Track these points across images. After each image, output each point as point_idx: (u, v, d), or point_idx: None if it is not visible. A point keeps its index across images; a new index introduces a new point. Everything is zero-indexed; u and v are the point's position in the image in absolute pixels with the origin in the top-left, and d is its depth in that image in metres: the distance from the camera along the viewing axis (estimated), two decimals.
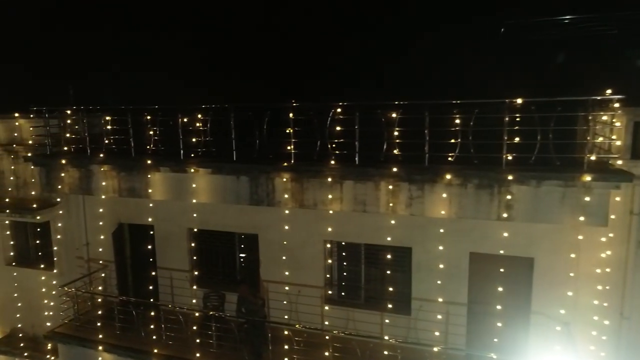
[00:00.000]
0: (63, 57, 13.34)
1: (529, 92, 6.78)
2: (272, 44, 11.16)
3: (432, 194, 7.34)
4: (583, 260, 7.90)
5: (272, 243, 10.10)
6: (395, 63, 9.76)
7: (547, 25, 10.14)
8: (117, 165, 9.26)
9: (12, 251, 12.96)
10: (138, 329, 9.98)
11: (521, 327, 8.66)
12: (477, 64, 8.82)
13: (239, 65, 11.40)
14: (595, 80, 6.95)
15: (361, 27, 10.91)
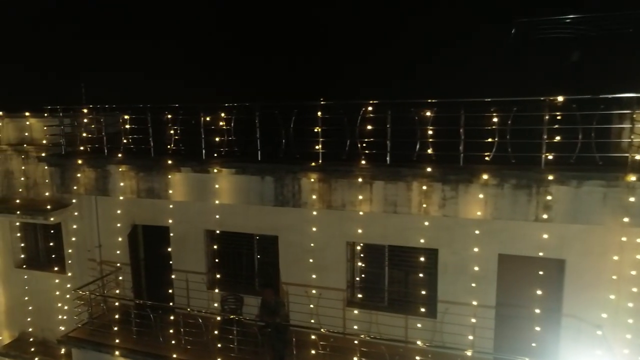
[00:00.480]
0: (73, 55, 13.08)
1: (569, 90, 6.59)
2: (298, 40, 10.96)
3: (467, 194, 7.15)
4: (617, 262, 7.72)
5: (292, 245, 9.88)
6: (427, 62, 9.57)
7: (580, 22, 9.97)
8: (136, 165, 9.01)
9: (22, 253, 12.70)
10: (156, 333, 9.75)
11: (552, 331, 8.48)
12: (511, 62, 8.64)
13: (263, 62, 11.19)
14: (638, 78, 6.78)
15: (393, 25, 10.75)
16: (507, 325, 8.83)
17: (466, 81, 8.21)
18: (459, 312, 8.90)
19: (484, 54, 9.29)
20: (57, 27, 14.17)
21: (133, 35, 13.10)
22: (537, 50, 9.69)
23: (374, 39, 10.62)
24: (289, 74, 10.47)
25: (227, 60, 11.52)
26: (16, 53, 14.50)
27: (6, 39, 15.16)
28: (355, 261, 9.74)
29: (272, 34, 11.59)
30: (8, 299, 12.96)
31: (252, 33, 12.04)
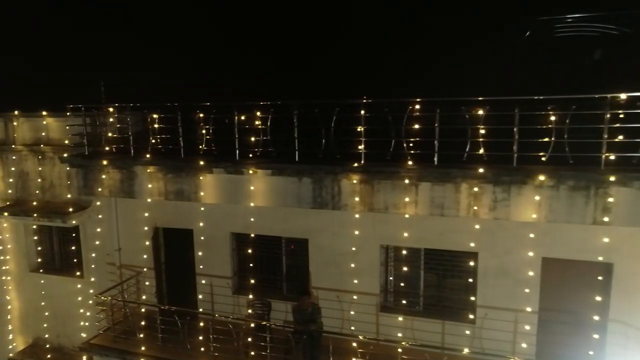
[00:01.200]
0: (92, 53, 12.74)
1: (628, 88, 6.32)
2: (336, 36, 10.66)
3: (520, 196, 6.86)
4: None
5: (323, 248, 9.57)
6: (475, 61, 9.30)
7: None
8: (165, 166, 8.66)
9: (38, 257, 12.32)
10: (182, 340, 9.40)
11: (596, 337, 8.20)
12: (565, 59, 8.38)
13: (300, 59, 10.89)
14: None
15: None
16: (550, 331, 8.55)
17: (514, 79, 7.91)
18: (499, 317, 8.62)
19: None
20: (70, 23, 13.83)
21: (152, 35, 12.77)
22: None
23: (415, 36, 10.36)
24: (328, 73, 10.16)
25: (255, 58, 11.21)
26: (29, 51, 14.13)
27: (19, 36, 14.82)
28: (390, 265, 9.43)
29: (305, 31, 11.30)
30: (22, 304, 12.60)
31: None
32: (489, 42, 9.81)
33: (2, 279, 12.51)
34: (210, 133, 8.42)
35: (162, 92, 9.97)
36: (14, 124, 11.58)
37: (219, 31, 12.41)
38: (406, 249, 9.16)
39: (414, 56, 10.69)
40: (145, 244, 10.80)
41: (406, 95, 7.17)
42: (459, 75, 8.87)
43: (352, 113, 7.50)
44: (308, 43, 11.01)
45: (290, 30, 11.53)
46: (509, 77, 7.82)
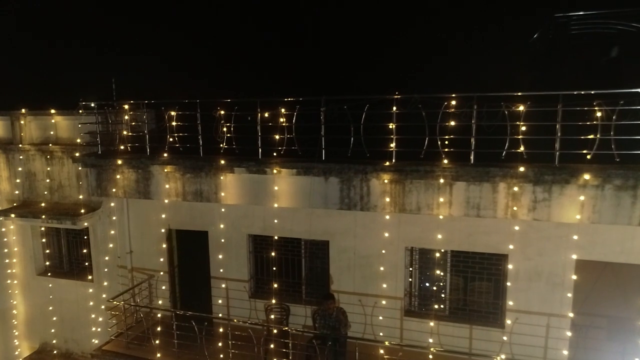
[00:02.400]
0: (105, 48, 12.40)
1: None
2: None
3: (562, 196, 6.55)
4: None
5: (345, 250, 9.24)
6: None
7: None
8: (183, 165, 8.31)
9: (45, 260, 11.94)
10: (199, 346, 9.05)
11: (632, 342, 7.90)
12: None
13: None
14: None
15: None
16: (583, 335, 8.24)
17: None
18: (530, 321, 8.32)
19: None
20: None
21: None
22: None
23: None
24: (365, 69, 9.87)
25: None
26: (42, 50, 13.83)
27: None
28: (414, 267, 9.12)
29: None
30: (28, 309, 12.21)
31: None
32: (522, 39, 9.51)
33: (7, 283, 12.12)
34: (232, 131, 8.06)
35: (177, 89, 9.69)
36: (21, 123, 11.20)
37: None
38: (432, 251, 8.85)
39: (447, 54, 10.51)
40: (159, 246, 10.47)
41: (441, 90, 6.85)
42: (496, 71, 8.59)
43: (383, 109, 7.18)
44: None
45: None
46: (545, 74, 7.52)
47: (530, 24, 11.94)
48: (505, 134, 6.69)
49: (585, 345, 8.19)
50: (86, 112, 9.27)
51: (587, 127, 6.36)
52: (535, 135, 6.64)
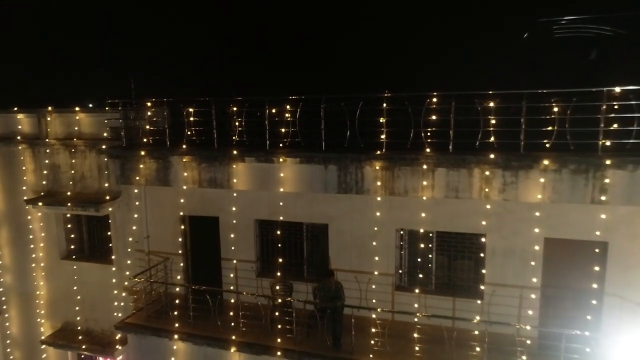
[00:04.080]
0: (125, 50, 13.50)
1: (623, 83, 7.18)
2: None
3: (527, 179, 7.70)
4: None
5: (342, 232, 10.35)
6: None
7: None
8: (199, 156, 9.43)
9: (68, 245, 13.00)
10: (212, 318, 10.15)
11: (594, 310, 9.03)
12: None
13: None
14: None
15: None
16: (551, 305, 9.38)
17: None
18: (505, 294, 9.43)
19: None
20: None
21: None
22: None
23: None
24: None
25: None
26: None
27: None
28: (404, 247, 10.24)
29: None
30: (51, 291, 13.24)
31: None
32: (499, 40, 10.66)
33: (32, 267, 13.19)
34: (243, 125, 9.18)
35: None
36: (48, 120, 12.28)
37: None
38: (419, 232, 9.96)
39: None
40: (174, 231, 11.55)
41: (424, 89, 7.99)
42: (476, 70, 9.71)
43: (375, 106, 8.31)
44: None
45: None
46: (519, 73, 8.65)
47: (520, 26, 13.19)
48: (479, 126, 7.82)
49: (554, 313, 9.32)
50: (112, 109, 10.33)
51: (547, 120, 7.50)
52: (504, 127, 7.78)
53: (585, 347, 8.12)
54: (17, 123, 12.77)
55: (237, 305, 10.03)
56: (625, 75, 8.17)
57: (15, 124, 12.80)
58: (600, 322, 8.99)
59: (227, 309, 10.47)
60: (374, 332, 9.02)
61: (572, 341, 8.23)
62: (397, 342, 9.15)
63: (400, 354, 8.97)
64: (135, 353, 10.76)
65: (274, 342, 9.57)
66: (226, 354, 9.88)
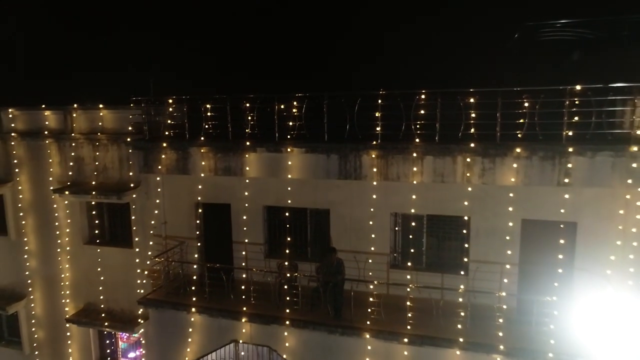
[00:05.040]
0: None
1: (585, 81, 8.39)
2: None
3: (503, 165, 8.90)
4: (621, 222, 9.48)
5: (343, 217, 11.52)
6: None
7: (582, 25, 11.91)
8: (215, 147, 10.61)
9: (91, 231, 14.14)
10: (226, 293, 11.33)
11: (566, 282, 10.21)
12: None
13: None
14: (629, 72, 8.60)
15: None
16: (528, 279, 10.55)
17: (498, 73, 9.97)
18: (487, 269, 10.60)
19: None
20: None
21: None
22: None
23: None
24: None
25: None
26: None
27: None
28: (398, 229, 11.41)
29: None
30: (75, 273, 14.38)
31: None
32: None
33: (57, 252, 14.35)
34: (254, 119, 10.37)
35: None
36: (73, 116, 13.45)
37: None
38: (412, 216, 11.13)
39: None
40: (189, 217, 12.71)
41: (415, 87, 9.19)
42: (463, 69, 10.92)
43: (371, 102, 9.49)
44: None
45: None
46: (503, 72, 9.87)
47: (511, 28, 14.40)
48: (461, 119, 9.01)
49: (530, 286, 10.50)
50: (133, 106, 11.51)
51: (519, 114, 8.69)
52: (482, 120, 8.97)
53: (554, 311, 9.29)
54: (44, 119, 13.94)
55: (247, 282, 11.20)
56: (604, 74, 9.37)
57: (43, 120, 13.97)
58: (570, 292, 10.17)
59: (239, 286, 11.63)
60: (371, 301, 10.17)
61: (544, 307, 9.41)
62: (392, 313, 10.32)
63: (394, 322, 10.15)
64: (156, 326, 11.94)
65: (282, 313, 10.74)
66: (238, 324, 11.07)
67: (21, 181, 14.41)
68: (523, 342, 9.29)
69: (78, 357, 14.78)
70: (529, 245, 10.44)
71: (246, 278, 11.32)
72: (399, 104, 9.29)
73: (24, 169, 14.35)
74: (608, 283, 9.56)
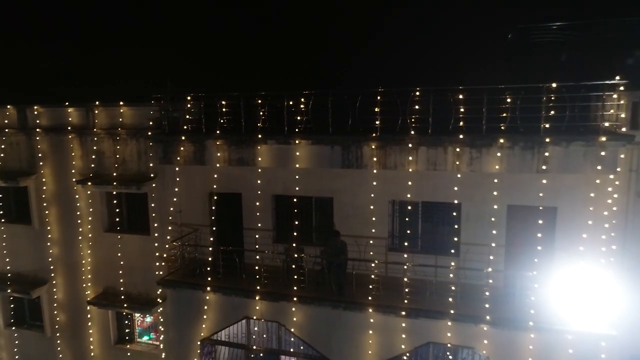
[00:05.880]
0: None
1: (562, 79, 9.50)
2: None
3: (488, 154, 9.99)
4: (595, 206, 10.56)
5: (345, 204, 12.59)
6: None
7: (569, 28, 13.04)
8: (230, 140, 11.69)
9: (111, 219, 15.18)
10: (238, 274, 12.40)
11: (547, 260, 11.27)
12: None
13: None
14: (608, 71, 9.68)
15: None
16: (514, 260, 11.63)
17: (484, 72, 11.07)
18: (477, 251, 11.68)
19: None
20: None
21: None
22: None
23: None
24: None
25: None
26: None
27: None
28: (395, 215, 12.49)
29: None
30: (95, 259, 15.43)
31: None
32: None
33: (79, 239, 15.41)
34: (265, 114, 11.45)
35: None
36: (95, 112, 14.52)
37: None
38: (408, 202, 12.21)
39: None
40: (203, 206, 13.77)
41: (411, 85, 10.29)
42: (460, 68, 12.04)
43: (371, 99, 10.58)
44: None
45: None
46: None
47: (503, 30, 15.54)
48: (451, 114, 10.09)
49: (515, 266, 11.57)
50: (155, 103, 12.59)
51: (502, 109, 9.78)
52: (470, 114, 10.05)
53: (534, 284, 10.37)
54: (67, 116, 15.00)
55: (258, 264, 12.27)
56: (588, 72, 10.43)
57: (66, 117, 15.03)
58: (550, 269, 11.24)
59: (249, 269, 12.69)
60: (372, 278, 11.25)
61: (527, 282, 10.49)
62: (390, 291, 11.41)
63: (392, 298, 11.22)
64: (174, 304, 13.01)
65: (290, 291, 11.82)
66: (250, 302, 12.14)
67: (45, 174, 15.46)
68: (507, 313, 10.37)
69: (97, 339, 15.82)
70: (514, 228, 11.52)
71: (257, 260, 12.36)
72: (396, 100, 10.36)
73: (47, 162, 15.40)
74: (582, 259, 10.61)
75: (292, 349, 12.16)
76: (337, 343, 11.61)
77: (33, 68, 18.39)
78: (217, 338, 12.87)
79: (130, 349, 15.48)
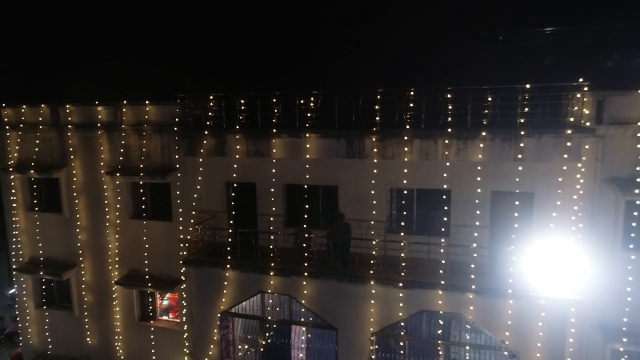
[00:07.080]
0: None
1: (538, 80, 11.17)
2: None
3: (472, 146, 11.62)
4: (566, 190, 12.18)
5: (349, 191, 14.19)
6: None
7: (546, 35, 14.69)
8: (247, 134, 13.31)
9: (135, 207, 16.76)
10: (254, 253, 14.00)
11: (526, 238, 12.86)
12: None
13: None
14: (577, 73, 11.32)
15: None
16: (497, 239, 13.23)
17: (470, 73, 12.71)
18: (465, 232, 13.29)
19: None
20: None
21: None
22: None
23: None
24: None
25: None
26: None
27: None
28: (393, 201, 14.10)
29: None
30: (121, 244, 17.00)
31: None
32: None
33: (106, 225, 16.98)
34: (279, 111, 13.07)
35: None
36: (123, 110, 16.11)
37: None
38: (404, 189, 13.81)
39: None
40: (220, 194, 15.36)
41: (407, 85, 11.93)
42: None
43: (371, 97, 12.20)
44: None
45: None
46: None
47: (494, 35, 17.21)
48: (441, 110, 11.72)
49: (499, 243, 13.17)
50: (180, 101, 14.20)
51: (484, 106, 11.40)
52: (457, 111, 11.68)
53: (513, 258, 12.00)
54: (97, 114, 16.58)
55: (271, 245, 13.87)
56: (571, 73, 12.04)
57: (95, 115, 16.62)
58: (530, 246, 12.85)
59: (264, 250, 14.27)
60: (372, 254, 12.87)
61: (507, 256, 12.11)
62: (388, 267, 13.01)
63: (390, 272, 12.83)
64: (196, 281, 14.59)
65: (300, 268, 13.42)
66: (265, 277, 13.74)
67: (75, 166, 17.05)
68: (490, 283, 11.99)
69: (122, 317, 17.39)
70: (497, 211, 13.13)
71: (271, 242, 13.97)
72: (393, 99, 11.99)
73: (77, 156, 16.99)
74: (554, 236, 12.21)
75: (302, 319, 13.77)
76: (343, 313, 13.22)
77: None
78: (234, 311, 14.45)
79: (154, 324, 17.04)
